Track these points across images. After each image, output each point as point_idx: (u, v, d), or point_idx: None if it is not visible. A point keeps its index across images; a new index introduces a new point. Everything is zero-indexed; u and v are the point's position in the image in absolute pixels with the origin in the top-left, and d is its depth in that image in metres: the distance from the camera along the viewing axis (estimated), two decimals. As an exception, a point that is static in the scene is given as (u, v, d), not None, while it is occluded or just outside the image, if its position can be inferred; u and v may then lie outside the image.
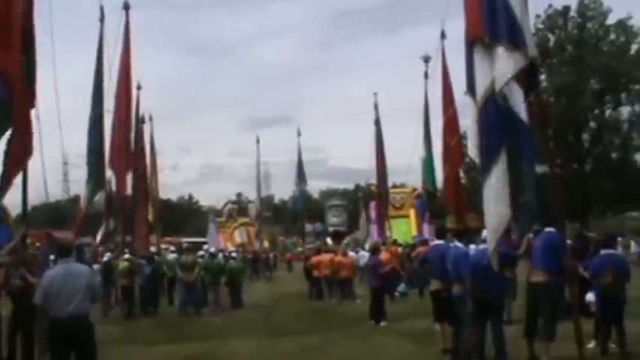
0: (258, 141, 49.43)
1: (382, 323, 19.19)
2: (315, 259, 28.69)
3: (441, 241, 14.30)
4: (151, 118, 34.29)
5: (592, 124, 57.96)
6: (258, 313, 23.81)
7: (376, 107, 32.99)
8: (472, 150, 10.35)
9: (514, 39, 9.19)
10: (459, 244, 12.88)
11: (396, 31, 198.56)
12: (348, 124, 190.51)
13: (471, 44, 9.67)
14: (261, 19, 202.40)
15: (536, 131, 10.27)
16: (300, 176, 43.40)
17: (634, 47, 55.37)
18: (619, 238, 32.40)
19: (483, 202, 9.31)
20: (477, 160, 10.02)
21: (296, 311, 23.55)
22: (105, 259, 25.76)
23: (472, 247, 12.63)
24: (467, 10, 9.64)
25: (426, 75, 24.79)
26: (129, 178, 24.95)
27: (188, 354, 15.46)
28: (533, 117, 10.13)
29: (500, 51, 9.22)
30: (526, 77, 9.48)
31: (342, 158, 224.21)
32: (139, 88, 29.08)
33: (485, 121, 9.38)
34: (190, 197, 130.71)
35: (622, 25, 56.34)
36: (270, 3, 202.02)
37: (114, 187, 23.99)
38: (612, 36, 57.10)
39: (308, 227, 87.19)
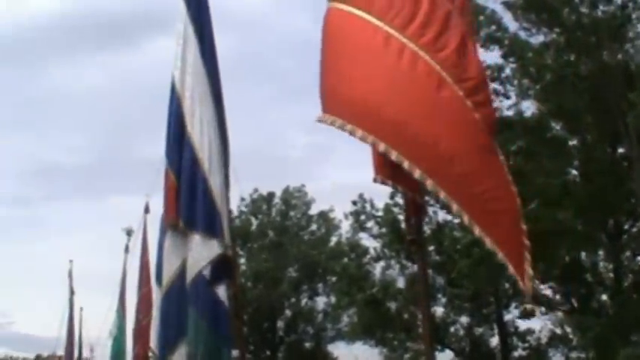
0: None
1: None
2: None
3: None
4: None
5: (287, 312, 59.07)
6: None
7: (70, 275, 31.55)
8: (152, 339, 9.94)
9: (211, 227, 8.85)
10: None
11: (100, 197, 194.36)
12: (38, 289, 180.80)
13: (165, 230, 9.26)
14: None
15: (230, 316, 9.91)
16: None
17: (333, 239, 57.69)
18: None
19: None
20: (155, 349, 9.60)
21: None
22: None
23: None
24: (165, 194, 9.21)
25: (126, 248, 24.08)
26: None
27: None
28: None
29: (196, 238, 8.81)
30: (221, 264, 9.11)
31: (28, 324, 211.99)
32: None
33: (166, 310, 8.98)
34: None
35: (323, 217, 58.80)
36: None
37: None
38: (314, 226, 59.36)
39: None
